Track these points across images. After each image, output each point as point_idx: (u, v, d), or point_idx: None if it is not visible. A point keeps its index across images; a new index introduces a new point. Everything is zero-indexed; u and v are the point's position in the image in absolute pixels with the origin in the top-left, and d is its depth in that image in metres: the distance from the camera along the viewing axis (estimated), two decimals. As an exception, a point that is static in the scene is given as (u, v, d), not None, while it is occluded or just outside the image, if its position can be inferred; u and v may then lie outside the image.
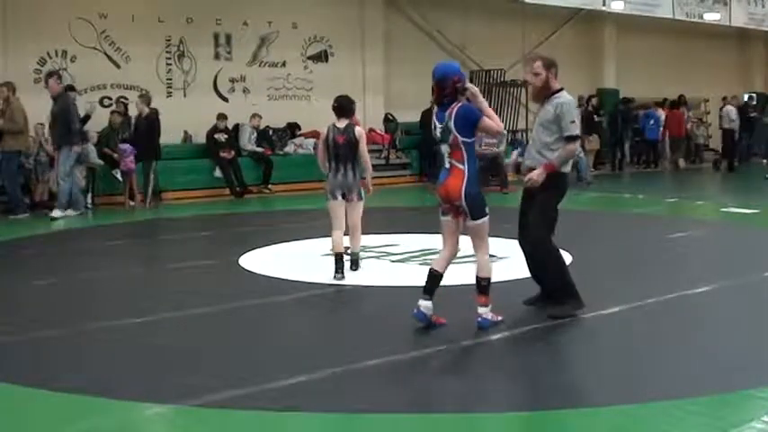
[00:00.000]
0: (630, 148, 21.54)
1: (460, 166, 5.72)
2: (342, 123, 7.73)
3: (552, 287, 6.26)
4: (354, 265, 7.91)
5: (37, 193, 13.12)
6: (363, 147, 7.76)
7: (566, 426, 4.24)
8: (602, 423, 4.22)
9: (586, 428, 4.19)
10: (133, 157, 13.84)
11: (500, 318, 5.87)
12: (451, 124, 5.67)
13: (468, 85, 5.88)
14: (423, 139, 17.84)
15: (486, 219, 5.80)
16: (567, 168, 6.33)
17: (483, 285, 5.83)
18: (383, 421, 4.26)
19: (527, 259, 6.48)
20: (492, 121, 5.81)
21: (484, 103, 5.93)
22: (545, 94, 6.21)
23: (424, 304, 5.84)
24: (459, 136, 5.68)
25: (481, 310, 5.82)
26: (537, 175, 6.04)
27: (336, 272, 7.55)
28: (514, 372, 5.08)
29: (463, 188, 5.68)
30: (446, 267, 5.96)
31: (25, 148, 12.72)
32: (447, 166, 5.80)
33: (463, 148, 5.71)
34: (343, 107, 7.84)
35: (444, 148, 5.80)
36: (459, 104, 5.73)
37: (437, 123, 5.80)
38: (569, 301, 6.15)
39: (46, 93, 14.11)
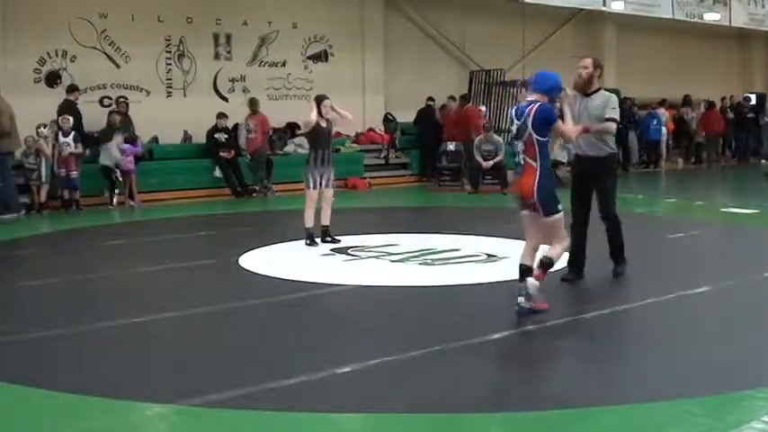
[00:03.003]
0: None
1: (533, 163, 5.92)
2: None
3: (617, 253, 7.30)
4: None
5: (41, 194, 13.07)
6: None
7: (565, 426, 4.23)
8: (601, 423, 4.22)
9: (586, 428, 4.19)
10: (133, 158, 13.85)
11: (544, 306, 5.98)
12: (529, 122, 5.88)
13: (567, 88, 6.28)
14: (421, 137, 17.88)
15: (559, 215, 6.00)
16: (616, 149, 7.32)
17: (544, 262, 5.98)
18: (383, 421, 4.26)
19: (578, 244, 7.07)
20: (567, 127, 6.23)
21: (567, 108, 6.30)
22: (587, 88, 6.96)
23: (522, 300, 6.03)
24: (534, 134, 5.89)
25: (530, 280, 5.91)
26: (572, 131, 6.57)
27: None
28: (514, 372, 5.07)
29: (535, 185, 5.88)
30: (533, 259, 6.11)
31: (13, 149, 12.56)
32: (521, 162, 5.99)
33: (536, 146, 5.91)
34: None
35: (519, 145, 5.97)
36: (539, 104, 5.95)
37: (514, 119, 5.98)
38: (624, 259, 7.34)
39: (46, 93, 14.18)
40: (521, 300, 5.98)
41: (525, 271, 6.02)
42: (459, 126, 16.45)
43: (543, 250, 6.09)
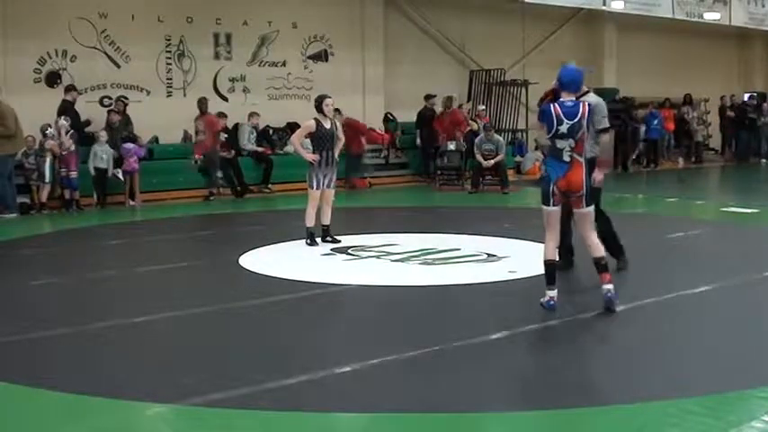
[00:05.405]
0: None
1: (580, 159, 6.13)
2: None
3: (615, 249, 7.61)
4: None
5: (42, 194, 13.04)
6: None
7: (566, 425, 4.23)
8: (601, 423, 4.22)
9: (586, 428, 4.20)
10: (136, 158, 13.86)
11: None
12: (584, 120, 6.08)
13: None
14: (422, 138, 17.82)
15: (592, 205, 6.30)
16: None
17: (603, 264, 6.23)
18: (383, 421, 4.26)
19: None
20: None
21: None
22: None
23: (552, 294, 6.24)
24: (586, 131, 6.17)
25: (607, 286, 6.17)
26: (600, 178, 7.07)
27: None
28: (514, 371, 5.07)
29: (584, 178, 6.13)
30: (556, 254, 6.38)
31: (18, 151, 12.56)
32: (567, 159, 6.11)
33: (584, 142, 6.19)
34: None
35: (567, 143, 6.09)
36: (586, 102, 6.25)
37: (564, 119, 6.05)
38: (623, 253, 7.73)
39: (46, 93, 14.18)
40: (550, 294, 6.24)
41: (553, 266, 6.26)
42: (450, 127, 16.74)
43: (591, 251, 6.31)
